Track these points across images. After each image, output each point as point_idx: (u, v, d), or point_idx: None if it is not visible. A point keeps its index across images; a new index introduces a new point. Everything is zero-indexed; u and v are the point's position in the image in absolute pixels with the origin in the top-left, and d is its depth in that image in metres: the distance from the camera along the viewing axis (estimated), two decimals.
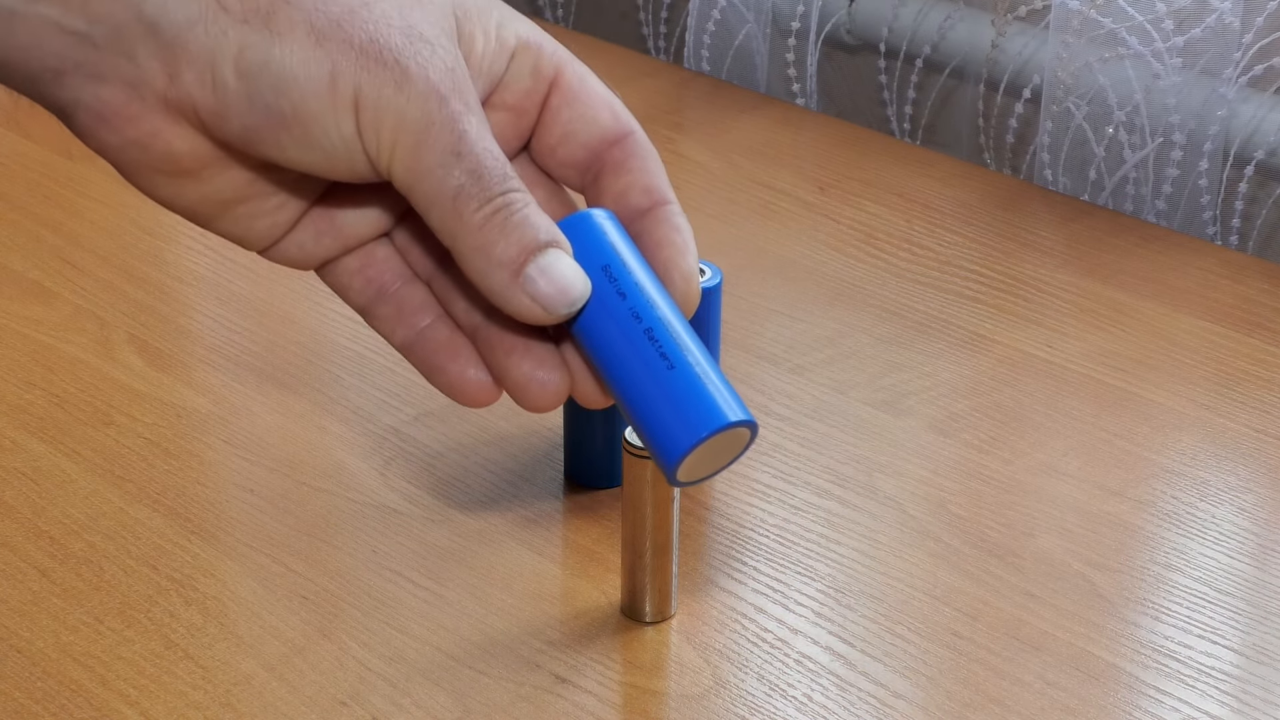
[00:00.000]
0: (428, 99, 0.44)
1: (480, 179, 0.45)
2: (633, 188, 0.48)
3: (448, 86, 0.44)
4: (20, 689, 0.57)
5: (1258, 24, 0.87)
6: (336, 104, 0.44)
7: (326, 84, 0.43)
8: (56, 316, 0.78)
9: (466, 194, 0.45)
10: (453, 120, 0.44)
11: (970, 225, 0.87)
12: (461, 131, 0.44)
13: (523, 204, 0.45)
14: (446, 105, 0.44)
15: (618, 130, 0.49)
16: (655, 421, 0.46)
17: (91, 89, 0.45)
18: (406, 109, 0.44)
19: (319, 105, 0.44)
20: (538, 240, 0.45)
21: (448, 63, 0.44)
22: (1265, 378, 0.74)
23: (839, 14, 1.04)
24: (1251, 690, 0.58)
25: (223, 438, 0.70)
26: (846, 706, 0.57)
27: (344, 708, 0.56)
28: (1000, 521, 0.65)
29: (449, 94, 0.44)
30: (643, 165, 0.49)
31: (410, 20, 0.44)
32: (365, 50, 0.43)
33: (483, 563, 0.63)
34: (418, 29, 0.44)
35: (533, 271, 0.45)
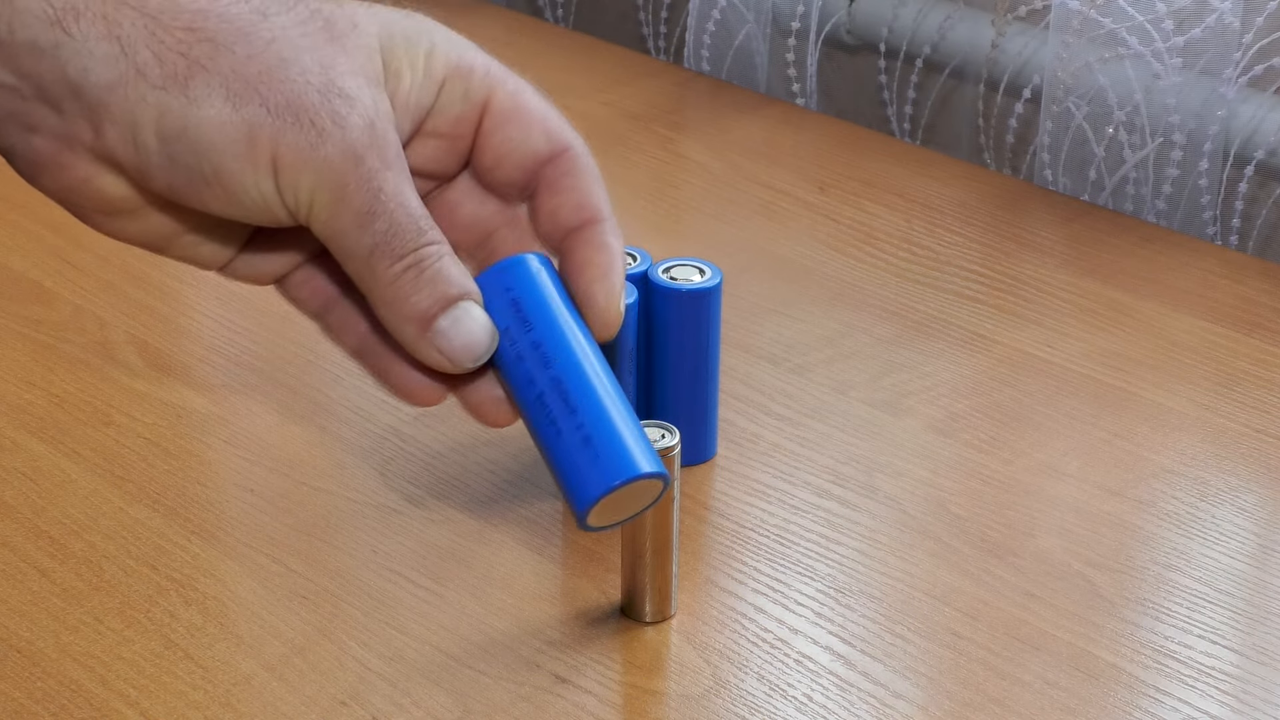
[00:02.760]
0: (344, 158, 0.45)
1: (393, 237, 0.46)
2: (564, 206, 0.49)
3: (364, 143, 0.45)
4: (20, 689, 0.57)
5: (1258, 24, 0.87)
6: (255, 165, 0.44)
7: (244, 146, 0.44)
8: (56, 316, 0.78)
9: (380, 251, 0.46)
10: (368, 179, 0.45)
11: (970, 225, 0.87)
12: (376, 190, 0.45)
13: (435, 258, 0.47)
14: (361, 164, 0.45)
15: (551, 149, 0.49)
16: (562, 469, 0.48)
17: (24, 137, 0.46)
18: (322, 169, 0.45)
19: (238, 166, 0.45)
20: (447, 294, 0.47)
21: (366, 116, 0.45)
22: (1265, 378, 0.74)
23: (839, 14, 1.04)
24: (1252, 690, 0.58)
25: (223, 438, 0.70)
26: (846, 706, 0.57)
27: (344, 708, 0.56)
28: (1000, 521, 0.65)
29: (364, 151, 0.45)
30: (575, 183, 0.49)
31: (330, 74, 0.45)
32: (281, 112, 0.44)
33: (483, 563, 0.63)
34: (336, 84, 0.45)
35: (441, 324, 0.47)
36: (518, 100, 0.49)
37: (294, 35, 0.45)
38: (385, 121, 0.46)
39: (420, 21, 0.48)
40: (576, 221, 0.50)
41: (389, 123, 0.46)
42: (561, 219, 0.50)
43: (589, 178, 0.50)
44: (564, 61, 1.06)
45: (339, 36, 0.46)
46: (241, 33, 0.44)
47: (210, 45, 0.44)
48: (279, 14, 0.45)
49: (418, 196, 0.47)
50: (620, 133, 0.96)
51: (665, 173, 0.92)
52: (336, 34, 0.46)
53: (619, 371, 0.53)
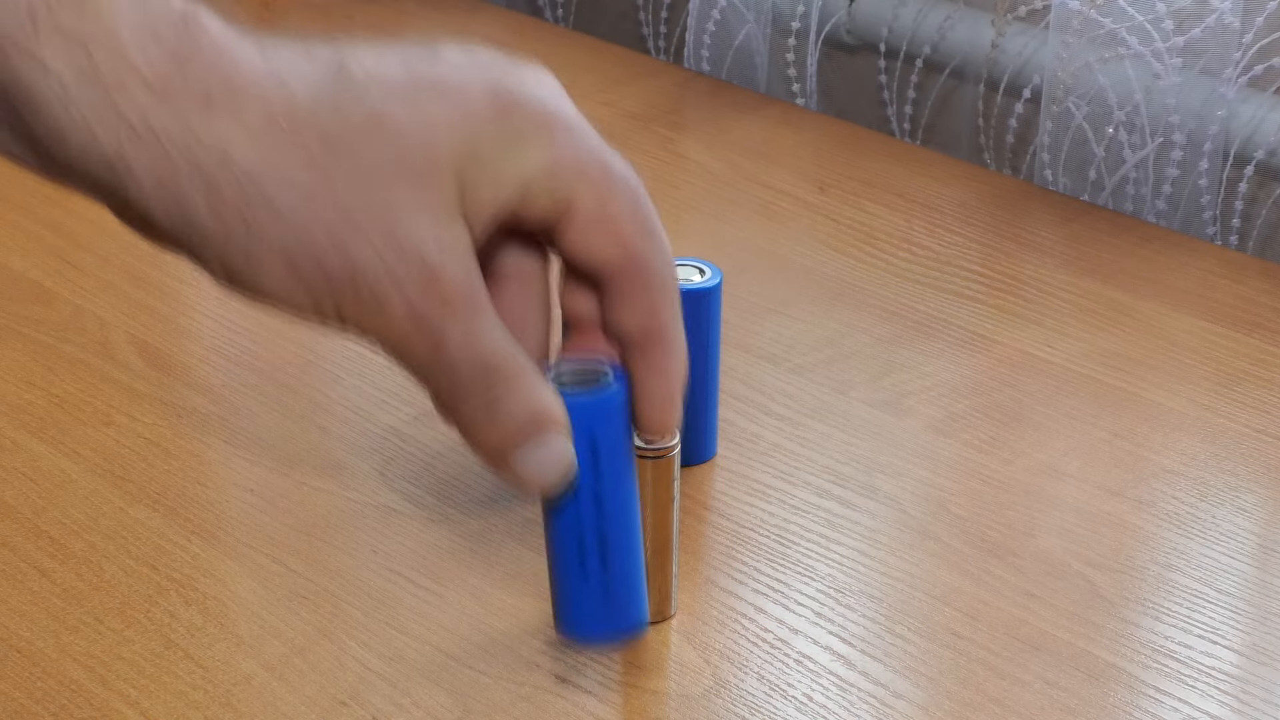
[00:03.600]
0: (404, 320, 0.44)
1: (457, 385, 0.45)
2: (629, 317, 0.48)
3: (424, 301, 0.44)
4: (20, 689, 0.57)
5: (1258, 24, 0.87)
6: (320, 317, 0.44)
7: (308, 304, 0.44)
8: (56, 316, 0.78)
9: (444, 395, 0.45)
10: (429, 335, 0.44)
11: (970, 225, 0.87)
12: (438, 344, 0.44)
13: (505, 398, 0.46)
14: (422, 323, 0.44)
15: (624, 261, 0.47)
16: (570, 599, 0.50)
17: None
18: (383, 330, 0.44)
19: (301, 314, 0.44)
20: (517, 434, 0.46)
21: (429, 269, 0.44)
22: (1265, 378, 0.74)
23: (839, 14, 1.04)
24: (1252, 690, 0.58)
25: (223, 438, 0.70)
26: (846, 706, 0.57)
27: (344, 708, 0.56)
28: (1000, 521, 0.65)
29: (425, 309, 0.44)
30: (642, 299, 0.48)
31: (394, 227, 0.43)
32: (342, 282, 0.43)
33: (483, 563, 0.63)
34: (399, 238, 0.43)
35: (515, 457, 0.46)
36: (603, 206, 0.46)
37: (357, 183, 0.43)
38: (454, 262, 0.44)
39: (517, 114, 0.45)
40: (639, 335, 0.48)
41: (458, 262, 0.44)
42: (625, 328, 0.48)
43: (658, 292, 0.48)
44: (564, 61, 1.05)
45: (413, 173, 0.44)
46: (299, 191, 0.43)
47: (267, 212, 0.43)
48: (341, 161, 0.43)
49: (491, 329, 0.45)
50: (620, 133, 0.96)
51: (665, 173, 0.92)
52: (410, 170, 0.44)
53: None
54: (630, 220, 0.47)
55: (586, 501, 0.48)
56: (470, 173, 0.44)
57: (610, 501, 0.49)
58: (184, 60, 0.42)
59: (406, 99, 0.44)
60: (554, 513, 0.49)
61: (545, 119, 0.45)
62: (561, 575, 0.50)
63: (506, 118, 0.45)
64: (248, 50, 0.43)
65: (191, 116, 0.42)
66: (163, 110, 0.42)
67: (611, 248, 0.47)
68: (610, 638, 0.51)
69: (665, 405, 0.49)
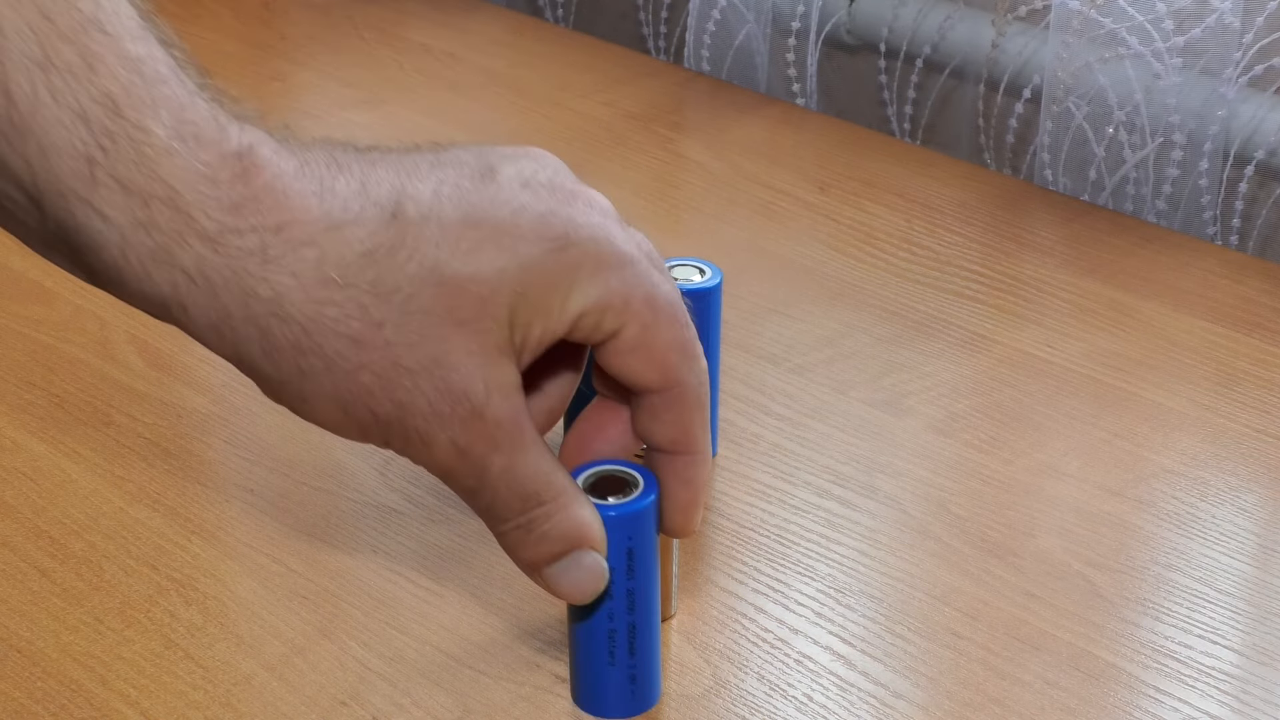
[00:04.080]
0: (448, 455, 0.46)
1: (498, 508, 0.48)
2: (661, 432, 0.50)
3: (468, 438, 0.46)
4: (20, 689, 0.57)
5: (1258, 24, 0.87)
6: (369, 442, 0.46)
7: (356, 436, 0.46)
8: (56, 316, 0.78)
9: (486, 516, 0.48)
10: (473, 466, 0.46)
11: (970, 225, 0.87)
12: (481, 473, 0.47)
13: (543, 520, 0.48)
14: (466, 457, 0.46)
15: (662, 384, 0.49)
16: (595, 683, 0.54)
17: None
18: (430, 464, 0.46)
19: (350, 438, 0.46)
20: (553, 552, 0.49)
21: (475, 408, 0.45)
22: (1265, 378, 0.74)
23: (839, 14, 1.04)
24: (1252, 690, 0.58)
25: (223, 438, 0.70)
26: (846, 706, 0.57)
27: (344, 708, 0.56)
28: (1000, 521, 0.65)
29: (469, 445, 0.46)
30: (676, 418, 0.50)
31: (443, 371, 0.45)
32: (390, 422, 0.45)
33: (483, 563, 0.63)
34: (448, 381, 0.45)
35: (550, 570, 0.49)
36: (647, 337, 0.48)
37: (410, 335, 0.44)
38: (498, 400, 0.46)
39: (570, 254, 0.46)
40: (669, 448, 0.51)
41: (504, 399, 0.46)
42: (656, 440, 0.51)
43: (690, 413, 0.50)
44: (564, 61, 1.06)
45: (464, 318, 0.45)
46: (354, 344, 0.44)
47: (321, 361, 0.44)
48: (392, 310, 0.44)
49: (532, 459, 0.47)
50: (620, 133, 0.96)
51: (665, 173, 0.92)
52: (462, 316, 0.45)
53: None
54: (672, 349, 0.49)
55: (620, 599, 0.51)
56: (521, 314, 0.46)
57: (643, 603, 0.52)
58: (240, 209, 0.43)
59: (460, 244, 0.45)
60: (586, 609, 0.52)
61: (596, 257, 0.46)
62: (592, 663, 0.53)
63: (558, 258, 0.46)
64: (304, 191, 0.44)
65: (247, 269, 0.43)
66: (218, 262, 0.43)
67: (652, 373, 0.49)
68: (633, 714, 0.55)
69: (689, 511, 0.51)
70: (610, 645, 0.53)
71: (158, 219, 0.42)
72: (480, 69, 1.04)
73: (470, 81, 1.03)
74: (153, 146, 0.42)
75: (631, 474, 0.51)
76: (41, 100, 0.41)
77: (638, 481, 0.51)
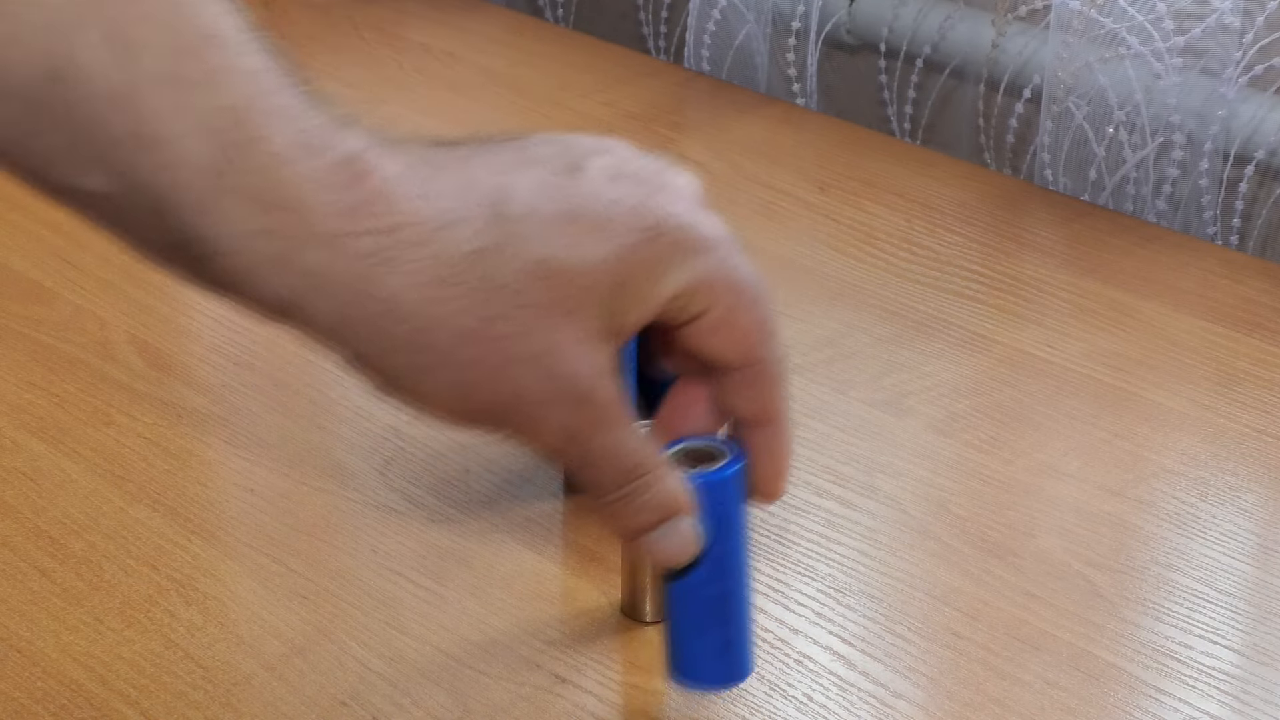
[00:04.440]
0: (557, 436, 0.48)
1: (602, 481, 0.50)
2: (743, 406, 0.53)
3: (576, 419, 0.48)
4: (20, 689, 0.57)
5: (1258, 24, 0.87)
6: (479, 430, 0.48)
7: (469, 425, 0.48)
8: (56, 316, 0.78)
9: (590, 488, 0.50)
10: (579, 445, 0.49)
11: (970, 225, 0.87)
12: (585, 452, 0.49)
13: (643, 491, 0.50)
14: (574, 439, 0.48)
15: (743, 361, 0.52)
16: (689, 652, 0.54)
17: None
18: (538, 442, 0.48)
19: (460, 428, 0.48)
20: (652, 521, 0.51)
21: (581, 391, 0.48)
22: (1265, 378, 0.74)
23: (839, 14, 1.04)
24: (1252, 690, 0.58)
25: (223, 438, 0.70)
26: (846, 706, 0.57)
27: (344, 708, 0.56)
28: (1000, 521, 0.65)
29: (577, 426, 0.48)
30: (757, 392, 0.52)
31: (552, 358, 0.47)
32: (504, 407, 0.47)
33: (483, 563, 0.63)
34: (556, 368, 0.47)
35: (649, 537, 0.51)
36: (731, 317, 0.51)
37: (519, 328, 0.47)
38: (602, 383, 0.48)
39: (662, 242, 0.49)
40: (752, 420, 0.53)
41: (605, 382, 0.48)
42: (740, 412, 0.53)
43: (771, 387, 0.53)
44: (564, 61, 1.06)
45: (569, 309, 0.47)
46: (467, 339, 0.46)
47: (436, 356, 0.46)
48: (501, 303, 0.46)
49: (629, 436, 0.50)
50: (620, 133, 0.96)
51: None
52: (567, 306, 0.47)
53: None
54: (753, 328, 0.51)
55: (711, 565, 0.53)
56: (619, 301, 0.48)
57: (731, 564, 0.54)
58: (355, 214, 0.44)
59: (561, 238, 0.47)
60: (679, 575, 0.53)
61: (686, 244, 0.49)
62: (684, 630, 0.54)
63: (652, 247, 0.48)
64: (411, 193, 0.45)
65: (363, 272, 0.45)
66: (337, 265, 0.44)
67: (734, 350, 0.51)
68: (723, 685, 0.56)
69: (774, 479, 0.54)
70: (701, 612, 0.54)
71: (279, 226, 0.44)
72: (480, 69, 1.04)
73: (470, 81, 1.03)
74: (273, 156, 0.43)
75: (717, 447, 0.54)
76: (169, 116, 0.42)
77: (723, 453, 0.53)
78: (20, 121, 0.43)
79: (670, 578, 0.54)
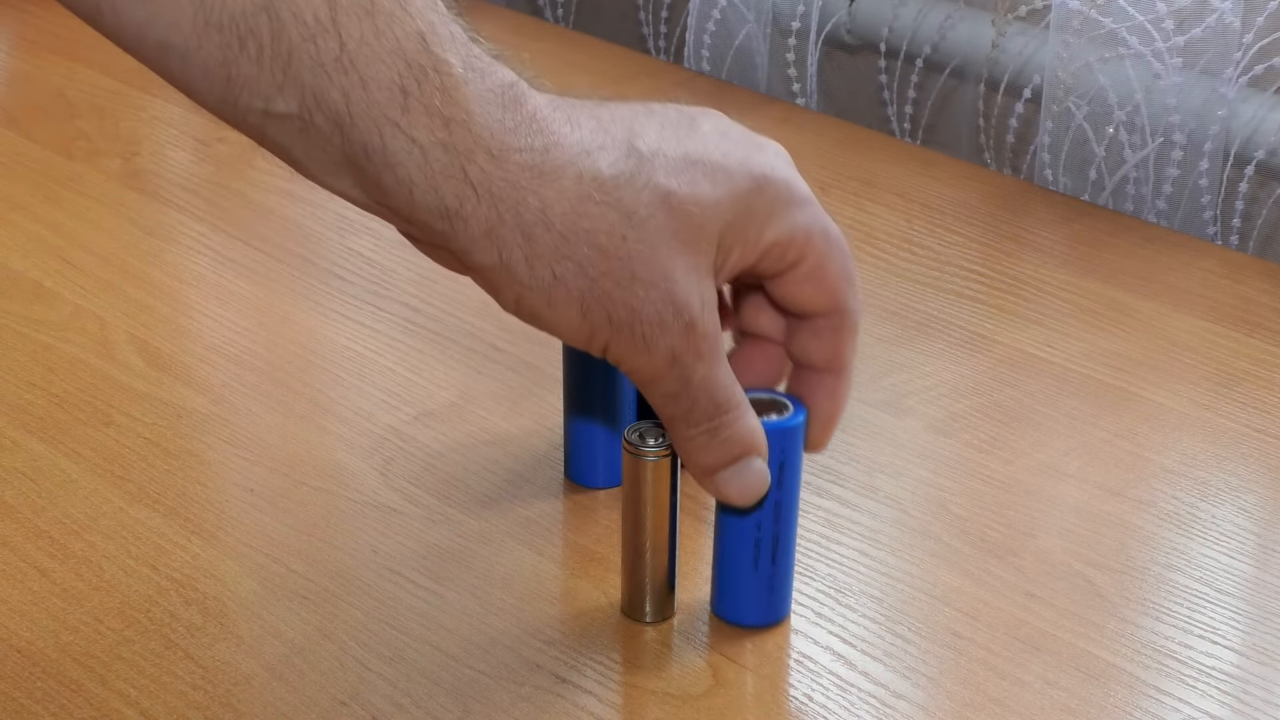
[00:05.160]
0: (662, 361, 0.53)
1: (692, 412, 0.54)
2: (818, 351, 0.58)
3: (680, 347, 0.53)
4: (20, 689, 0.57)
5: (1258, 24, 0.87)
6: (589, 346, 0.53)
7: (584, 338, 0.52)
8: (56, 316, 0.78)
9: (679, 420, 0.54)
10: (679, 373, 0.53)
11: (970, 225, 0.87)
12: (685, 380, 0.53)
13: (727, 427, 0.55)
14: (676, 364, 0.53)
15: (829, 308, 0.57)
16: (737, 589, 0.59)
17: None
18: (643, 366, 0.53)
19: (573, 341, 0.53)
20: (732, 455, 0.55)
21: (689, 318, 0.52)
22: (1265, 378, 0.74)
23: (839, 14, 1.04)
24: (1252, 690, 0.58)
25: (223, 438, 0.70)
26: (846, 706, 0.57)
27: (344, 708, 0.56)
28: (1000, 521, 0.65)
29: (681, 353, 0.53)
30: (834, 340, 0.57)
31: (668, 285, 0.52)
32: (620, 325, 0.52)
33: (483, 563, 0.63)
34: (671, 294, 0.52)
35: (724, 474, 0.56)
36: (822, 267, 0.56)
37: (646, 249, 0.51)
38: (708, 315, 0.53)
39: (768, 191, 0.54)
40: (822, 366, 0.58)
41: (710, 315, 0.53)
42: (810, 357, 0.58)
43: (848, 336, 0.57)
44: (564, 61, 1.06)
45: (686, 239, 0.52)
46: (601, 253, 0.51)
47: (573, 266, 0.51)
48: (634, 228, 0.51)
49: (725, 371, 0.54)
50: None
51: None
52: (685, 237, 0.52)
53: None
54: (841, 277, 0.56)
55: (769, 509, 0.57)
56: (727, 240, 0.54)
57: (786, 509, 0.58)
58: (517, 132, 0.50)
59: (684, 176, 0.52)
60: (737, 517, 0.58)
61: (787, 195, 0.55)
62: (734, 569, 0.59)
63: (759, 194, 0.54)
64: (559, 120, 0.51)
65: (521, 183, 0.50)
66: (499, 176, 0.50)
67: (821, 298, 0.56)
68: (765, 622, 0.59)
69: (829, 425, 0.59)
70: (755, 553, 0.58)
71: (455, 139, 0.49)
72: None
73: None
74: (452, 77, 0.49)
75: (781, 399, 0.58)
76: (367, 40, 0.48)
77: (787, 405, 0.58)
78: (228, 48, 0.47)
79: (724, 520, 0.58)
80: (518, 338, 0.76)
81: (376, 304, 0.79)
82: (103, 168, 0.91)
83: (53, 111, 0.98)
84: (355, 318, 0.78)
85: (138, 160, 0.92)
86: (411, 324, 0.77)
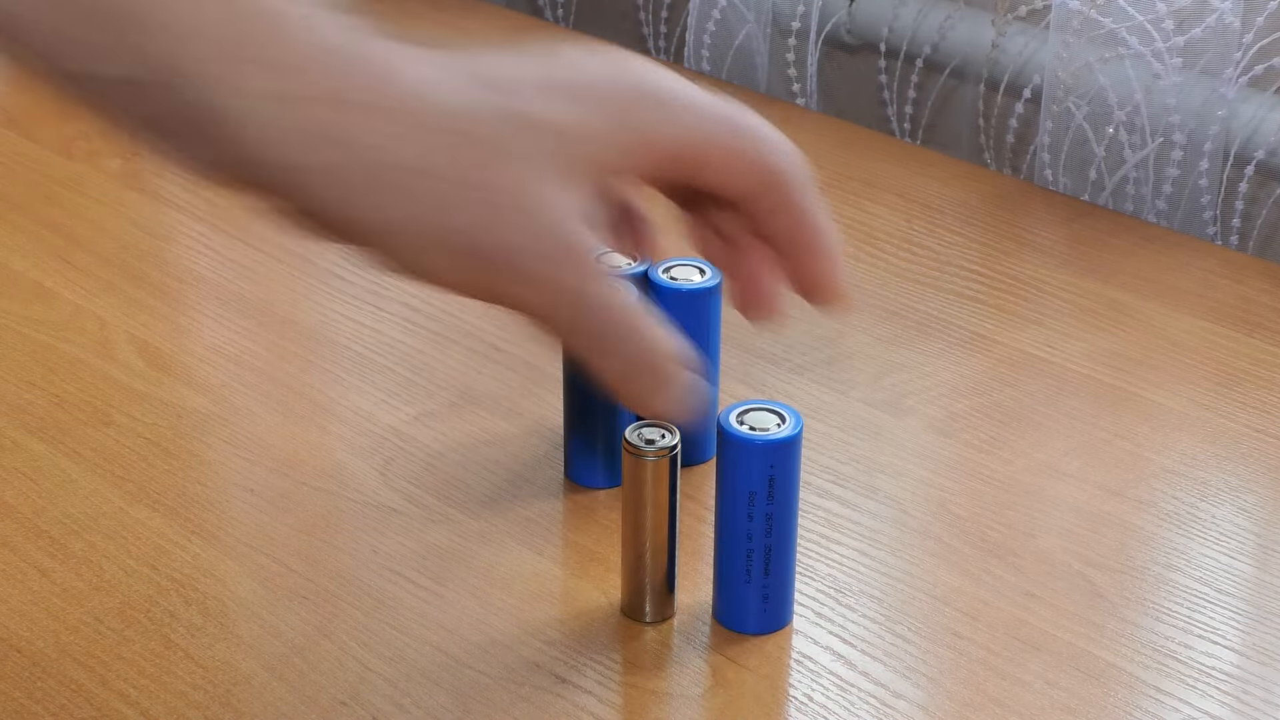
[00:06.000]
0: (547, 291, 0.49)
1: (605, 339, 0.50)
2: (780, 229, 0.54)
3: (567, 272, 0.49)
4: (20, 689, 0.57)
5: (1258, 24, 0.87)
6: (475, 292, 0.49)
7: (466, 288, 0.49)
8: (56, 316, 0.78)
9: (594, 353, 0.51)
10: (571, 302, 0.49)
11: (970, 225, 0.87)
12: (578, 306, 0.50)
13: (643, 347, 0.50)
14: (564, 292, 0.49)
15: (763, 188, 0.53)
16: (732, 595, 0.59)
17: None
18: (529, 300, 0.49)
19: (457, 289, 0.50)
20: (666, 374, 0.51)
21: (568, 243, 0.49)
22: (1265, 378, 0.74)
23: (839, 14, 1.04)
24: (1252, 691, 0.58)
25: (223, 438, 0.70)
26: (846, 706, 0.57)
27: (344, 708, 0.56)
28: (1000, 521, 0.65)
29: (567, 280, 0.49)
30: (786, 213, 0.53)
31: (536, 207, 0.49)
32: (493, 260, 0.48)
33: (483, 563, 0.63)
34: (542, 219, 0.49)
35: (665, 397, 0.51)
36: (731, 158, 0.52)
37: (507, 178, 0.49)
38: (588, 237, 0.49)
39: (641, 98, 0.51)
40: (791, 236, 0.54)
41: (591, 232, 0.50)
42: (780, 235, 0.54)
43: (799, 196, 0.53)
44: None
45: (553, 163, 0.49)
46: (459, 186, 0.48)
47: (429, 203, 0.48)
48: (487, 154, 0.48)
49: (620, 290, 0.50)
50: None
51: None
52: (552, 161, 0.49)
53: None
54: (761, 153, 0.53)
55: (759, 522, 0.57)
56: (608, 157, 0.50)
57: (779, 522, 0.58)
58: (354, 74, 0.48)
59: (542, 100, 0.49)
60: (729, 527, 0.58)
61: (665, 97, 0.52)
62: (729, 579, 0.59)
63: (634, 107, 0.51)
64: (398, 59, 0.49)
65: (363, 125, 0.48)
66: (339, 120, 0.47)
67: (750, 180, 0.53)
68: (762, 631, 0.59)
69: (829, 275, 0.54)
70: (747, 565, 0.58)
71: (288, 87, 0.47)
72: None
73: None
74: (287, 28, 0.47)
75: (778, 410, 0.57)
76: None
77: (784, 416, 0.57)
78: (46, 14, 0.45)
79: (719, 529, 0.58)
80: (518, 338, 0.76)
81: (376, 304, 0.79)
82: (103, 168, 0.91)
83: (53, 111, 0.98)
84: (355, 318, 0.78)
85: (138, 160, 0.92)
86: (411, 324, 0.77)
